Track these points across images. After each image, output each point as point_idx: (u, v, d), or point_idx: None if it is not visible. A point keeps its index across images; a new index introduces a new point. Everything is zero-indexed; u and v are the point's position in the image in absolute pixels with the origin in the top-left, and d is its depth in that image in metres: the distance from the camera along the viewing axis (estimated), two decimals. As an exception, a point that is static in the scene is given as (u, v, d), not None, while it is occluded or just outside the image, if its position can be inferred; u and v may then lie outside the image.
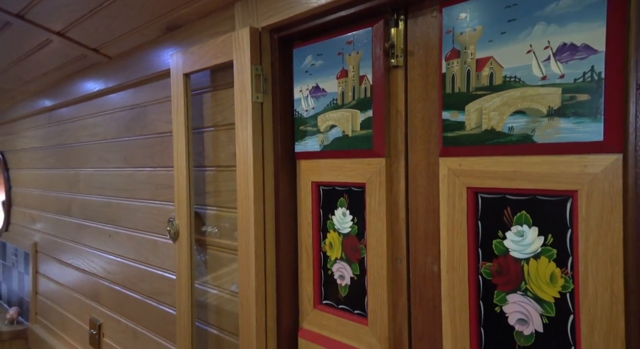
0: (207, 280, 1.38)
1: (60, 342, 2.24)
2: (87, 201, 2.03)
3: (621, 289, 0.61)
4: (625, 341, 0.61)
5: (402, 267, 0.94)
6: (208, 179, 1.38)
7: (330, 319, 1.07)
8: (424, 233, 0.90)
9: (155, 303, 1.61)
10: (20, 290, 2.62)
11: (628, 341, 0.61)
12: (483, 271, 0.79)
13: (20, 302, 2.61)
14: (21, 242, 2.60)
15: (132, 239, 1.74)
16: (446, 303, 0.84)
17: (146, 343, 1.64)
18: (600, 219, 0.63)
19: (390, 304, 0.95)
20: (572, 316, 0.68)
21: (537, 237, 0.72)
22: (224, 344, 1.31)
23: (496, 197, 0.77)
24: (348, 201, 1.04)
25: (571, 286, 0.68)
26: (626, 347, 0.61)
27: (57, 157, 2.27)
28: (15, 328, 2.46)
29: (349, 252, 1.04)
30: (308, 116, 1.09)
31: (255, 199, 1.13)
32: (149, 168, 1.64)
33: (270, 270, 1.15)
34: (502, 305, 0.77)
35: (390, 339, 0.94)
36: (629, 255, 0.61)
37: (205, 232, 1.38)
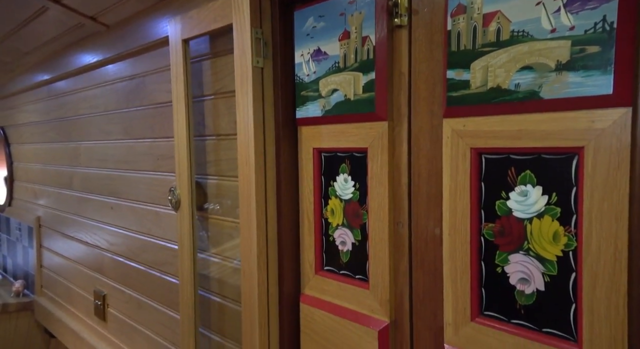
0: (209, 249, 1.39)
1: (66, 313, 2.28)
2: (89, 174, 2.02)
3: (625, 244, 0.61)
4: (628, 296, 0.61)
5: (403, 231, 0.94)
6: (209, 149, 1.37)
7: (331, 285, 1.07)
8: (426, 197, 0.89)
9: (159, 273, 1.62)
10: (25, 264, 2.65)
11: (630, 295, 0.61)
12: (485, 232, 0.79)
13: (25, 275, 2.65)
14: (24, 216, 2.62)
15: (134, 210, 1.74)
16: (447, 264, 0.83)
17: (150, 312, 1.67)
18: (607, 175, 0.62)
19: (391, 268, 0.95)
20: (574, 273, 0.68)
21: (541, 196, 0.71)
22: (227, 311, 1.33)
23: (500, 158, 0.76)
24: (350, 166, 1.03)
25: (574, 244, 0.68)
26: (628, 301, 0.61)
27: (58, 130, 2.26)
28: (21, 300, 2.51)
29: (351, 218, 1.03)
30: (309, 81, 1.07)
31: (256, 167, 1.12)
32: (149, 139, 1.63)
33: (272, 237, 1.15)
34: (503, 265, 0.77)
35: (392, 302, 0.95)
36: (634, 210, 0.60)
37: (207, 209, 1.38)
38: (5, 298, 2.52)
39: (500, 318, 0.77)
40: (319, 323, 1.09)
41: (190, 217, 1.34)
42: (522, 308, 0.75)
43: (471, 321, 0.80)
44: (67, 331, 2.21)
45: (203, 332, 1.41)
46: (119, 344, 1.87)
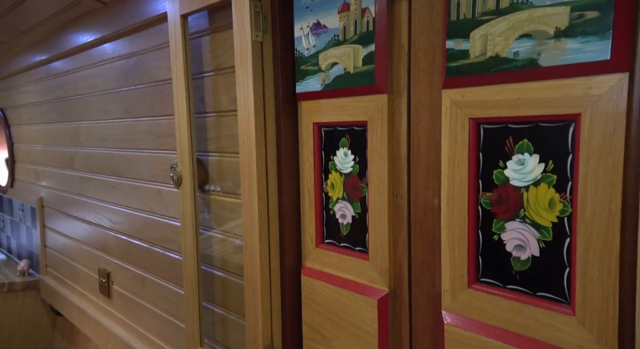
0: (211, 225, 1.41)
1: (71, 291, 2.32)
2: (90, 154, 2.03)
3: (619, 208, 0.62)
4: (620, 257, 0.62)
5: (403, 203, 0.95)
6: (209, 126, 1.37)
7: (332, 257, 1.10)
8: (425, 168, 0.91)
9: (162, 249, 1.65)
10: (29, 244, 2.69)
11: (622, 257, 0.62)
12: (483, 201, 0.81)
13: (30, 255, 2.69)
14: (27, 197, 2.64)
15: (136, 189, 1.76)
16: (445, 233, 0.85)
17: (154, 288, 1.70)
18: (602, 141, 0.63)
19: (390, 239, 0.97)
20: (568, 238, 0.70)
21: (538, 164, 0.72)
22: (229, 285, 1.36)
23: (498, 127, 0.77)
24: (350, 140, 1.04)
25: (569, 210, 0.69)
26: (620, 262, 0.62)
27: (58, 111, 2.25)
28: (26, 279, 2.55)
29: (351, 191, 1.05)
30: (309, 55, 1.07)
31: (257, 142, 1.13)
32: (149, 117, 1.64)
33: (273, 211, 1.16)
34: (500, 233, 0.79)
35: (391, 271, 0.97)
36: (629, 175, 0.61)
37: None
38: (11, 277, 2.56)
39: (496, 284, 0.79)
40: (320, 294, 1.11)
41: (192, 194, 1.36)
42: (517, 274, 0.77)
43: (468, 288, 0.82)
44: (72, 308, 2.25)
45: (207, 306, 1.44)
46: (124, 320, 1.91)
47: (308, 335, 1.15)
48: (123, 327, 1.92)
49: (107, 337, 1.99)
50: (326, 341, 1.10)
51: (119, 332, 1.92)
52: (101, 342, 2.04)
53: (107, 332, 1.98)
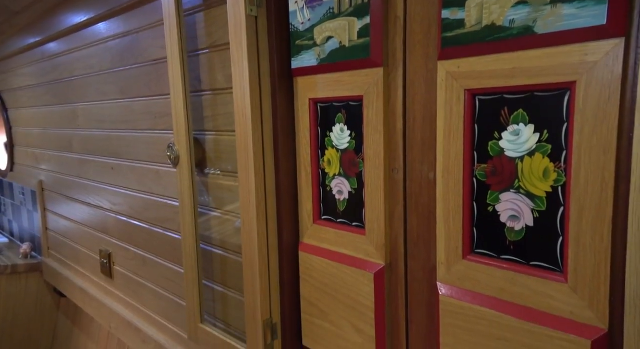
0: (209, 204, 1.42)
1: (73, 273, 2.35)
2: (88, 136, 2.03)
3: (612, 175, 0.62)
4: (612, 224, 0.63)
5: (399, 177, 0.95)
6: (205, 104, 1.37)
7: (329, 233, 1.10)
8: (420, 142, 0.90)
9: (161, 230, 1.66)
10: (30, 227, 2.71)
11: (615, 223, 0.63)
12: (478, 173, 0.81)
13: (32, 238, 2.71)
14: (27, 181, 2.64)
15: (134, 170, 1.76)
16: (441, 206, 0.86)
17: (155, 267, 1.72)
18: (597, 109, 0.63)
19: (387, 214, 0.97)
20: (562, 207, 0.70)
21: (533, 134, 0.72)
22: (228, 263, 1.37)
23: (494, 98, 0.77)
24: (346, 116, 1.04)
25: (563, 179, 0.69)
26: (612, 229, 0.63)
27: (54, 93, 2.24)
28: (29, 261, 2.57)
29: (347, 167, 1.05)
30: (304, 29, 1.06)
31: (253, 119, 1.12)
32: (146, 98, 1.63)
33: (270, 189, 1.17)
34: (495, 204, 0.79)
35: (387, 246, 0.98)
36: (622, 142, 0.61)
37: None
38: (14, 259, 2.59)
39: (490, 255, 0.80)
40: (317, 269, 1.12)
41: (190, 173, 1.36)
42: (511, 244, 0.77)
43: (463, 259, 0.83)
44: (75, 289, 2.28)
45: (207, 284, 1.46)
46: (126, 299, 1.94)
47: (306, 310, 1.17)
48: (125, 306, 1.95)
49: (110, 316, 2.02)
50: (324, 315, 1.12)
51: (121, 311, 1.95)
52: (104, 322, 2.08)
53: (110, 312, 2.01)
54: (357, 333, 1.03)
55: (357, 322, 1.03)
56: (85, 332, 2.40)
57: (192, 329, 1.43)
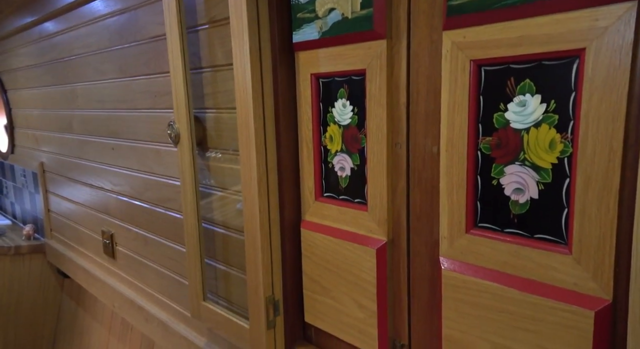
0: (210, 183, 1.41)
1: (76, 254, 2.36)
2: (88, 116, 2.02)
3: (620, 144, 0.61)
4: (619, 194, 0.62)
5: (401, 152, 0.94)
6: (205, 81, 1.35)
7: (331, 209, 1.10)
8: (424, 115, 0.89)
9: (163, 209, 1.66)
10: (33, 209, 2.71)
11: (621, 193, 0.62)
12: (482, 146, 0.79)
13: (34, 220, 2.72)
14: (28, 163, 2.64)
15: (135, 150, 1.75)
16: (444, 180, 0.85)
17: (157, 247, 1.72)
18: (607, 76, 0.61)
19: (389, 189, 0.96)
20: (567, 179, 0.69)
21: (539, 105, 0.71)
22: (230, 241, 1.37)
23: (500, 69, 0.75)
24: (348, 91, 1.02)
25: (570, 150, 0.68)
26: (619, 199, 0.62)
27: (53, 73, 2.22)
28: (32, 243, 2.59)
29: (349, 143, 1.04)
30: (305, 1, 1.03)
31: (254, 95, 1.10)
32: (145, 76, 1.61)
33: (272, 166, 1.16)
34: (499, 177, 0.78)
35: (389, 221, 0.97)
36: (632, 109, 0.60)
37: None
38: (17, 241, 2.60)
39: (493, 228, 0.79)
40: (319, 246, 1.12)
41: (191, 151, 1.35)
42: (515, 217, 0.77)
43: (466, 233, 0.82)
44: (78, 270, 2.30)
45: (209, 263, 1.46)
46: (129, 279, 1.95)
47: (308, 286, 1.18)
48: (128, 286, 1.97)
49: (113, 296, 2.04)
50: (326, 291, 1.12)
51: (124, 291, 1.96)
52: (108, 301, 2.10)
53: (113, 291, 2.03)
54: (358, 308, 1.04)
55: (359, 297, 1.03)
56: (89, 312, 2.43)
57: (194, 307, 1.44)
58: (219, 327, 1.37)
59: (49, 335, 2.71)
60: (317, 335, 1.22)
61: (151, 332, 1.80)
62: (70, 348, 2.57)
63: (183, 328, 1.64)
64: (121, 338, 2.17)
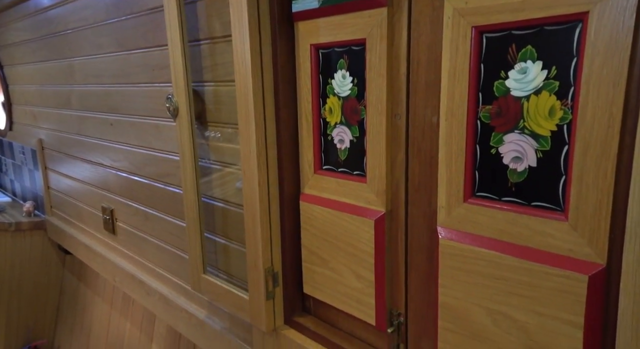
0: (210, 157, 1.41)
1: (77, 230, 2.38)
2: (86, 92, 2.00)
3: (620, 109, 0.61)
4: (617, 160, 0.62)
5: (401, 123, 0.94)
6: (204, 54, 1.33)
7: (330, 182, 1.10)
8: (424, 85, 0.88)
9: (162, 184, 1.66)
10: (32, 186, 2.72)
11: (619, 159, 0.62)
12: (482, 115, 0.79)
13: (34, 197, 2.73)
14: (26, 140, 2.63)
15: (133, 125, 1.74)
16: (443, 150, 0.85)
17: (157, 222, 1.74)
18: (609, 39, 0.61)
19: (388, 160, 0.96)
20: (566, 146, 0.69)
21: (540, 72, 0.70)
22: (230, 215, 1.38)
23: (501, 35, 0.74)
24: (348, 61, 1.01)
25: (569, 117, 0.68)
26: (617, 165, 0.62)
27: (49, 48, 2.19)
28: (33, 219, 2.60)
29: (349, 115, 1.03)
30: (306, -31, 1.01)
31: (253, 66, 1.09)
32: (143, 49, 1.59)
33: (271, 139, 1.16)
34: (498, 146, 0.78)
35: (388, 192, 0.98)
36: (633, 73, 0.59)
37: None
38: (18, 218, 2.62)
39: (491, 197, 0.80)
40: (318, 218, 1.13)
41: (189, 125, 1.34)
42: (513, 186, 0.77)
43: (463, 203, 0.83)
44: (80, 246, 2.32)
45: (208, 236, 1.47)
46: (130, 254, 1.97)
47: (307, 258, 1.19)
48: (129, 261, 1.99)
49: (115, 271, 2.06)
50: (324, 262, 1.13)
51: (125, 266, 1.98)
52: (109, 276, 2.12)
53: (114, 266, 2.05)
54: (356, 279, 1.05)
55: (357, 268, 1.04)
56: (91, 287, 2.46)
57: (195, 280, 1.46)
58: (219, 299, 1.39)
59: (51, 310, 2.75)
60: (316, 306, 1.24)
61: (152, 305, 1.83)
62: (73, 323, 2.62)
63: (184, 301, 1.67)
64: (123, 312, 2.21)
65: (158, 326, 1.98)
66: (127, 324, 2.18)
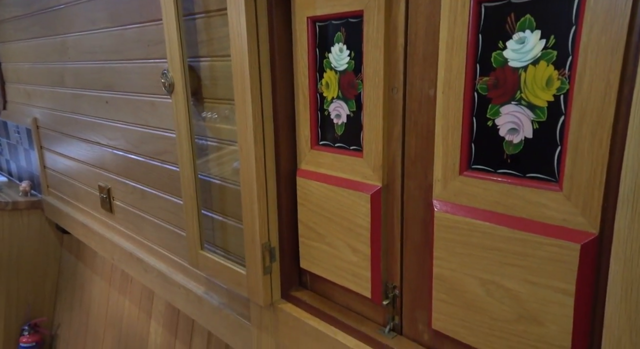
0: (206, 133, 1.40)
1: (74, 209, 2.38)
2: (80, 69, 1.97)
3: (617, 77, 0.60)
4: (612, 128, 0.62)
5: (398, 97, 0.94)
6: (199, 28, 1.31)
7: (326, 157, 1.10)
8: (422, 57, 0.88)
9: (159, 162, 1.66)
10: (28, 166, 2.71)
11: (615, 128, 0.62)
12: (479, 86, 0.79)
13: (31, 177, 2.72)
14: (21, 119, 2.61)
15: (129, 102, 1.73)
16: (440, 123, 0.84)
17: (154, 200, 1.74)
18: (609, 5, 0.60)
19: (385, 135, 0.96)
20: (562, 116, 0.69)
21: (539, 41, 0.70)
22: (227, 191, 1.38)
23: (500, 4, 0.73)
24: (345, 34, 1.00)
25: (566, 87, 0.68)
26: (612, 133, 0.62)
27: (42, 24, 2.15)
28: (29, 199, 2.60)
29: (346, 89, 1.03)
30: (302, -62, 0.99)
31: (249, 39, 1.08)
32: (137, 24, 1.56)
33: (268, 114, 1.15)
34: (494, 118, 0.78)
35: (384, 166, 0.98)
36: (632, 40, 0.59)
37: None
38: (15, 197, 2.61)
39: (487, 170, 0.80)
40: (315, 194, 1.13)
41: (185, 101, 1.33)
42: (508, 158, 0.77)
43: (459, 175, 0.83)
44: (77, 225, 2.33)
45: (206, 213, 1.48)
46: (128, 233, 1.98)
47: (303, 233, 1.20)
48: (127, 239, 2.00)
49: (113, 250, 2.07)
50: (320, 237, 1.14)
51: (123, 244, 1.99)
52: (107, 254, 2.13)
53: (112, 245, 2.06)
54: (352, 253, 1.06)
55: (353, 242, 1.05)
56: (90, 265, 2.48)
57: (193, 256, 1.47)
58: (217, 275, 1.40)
59: (50, 289, 2.77)
60: (312, 280, 1.26)
61: (150, 283, 1.85)
62: (72, 301, 2.65)
63: (182, 277, 1.69)
64: (121, 290, 2.23)
65: (157, 303, 2.01)
66: (126, 301, 2.20)
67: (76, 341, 2.58)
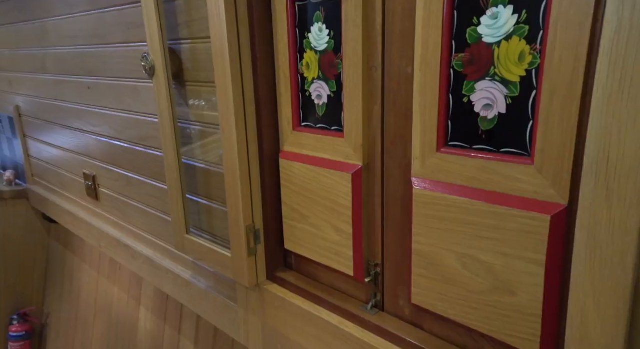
0: (189, 117, 1.40)
1: (60, 198, 2.36)
2: (61, 54, 1.94)
3: (585, 50, 0.62)
4: (581, 101, 0.63)
5: (377, 75, 0.94)
6: (179, 9, 1.29)
7: (309, 138, 1.11)
8: (400, 35, 0.88)
9: (143, 148, 1.65)
10: (12, 155, 2.67)
11: (583, 101, 0.63)
12: (455, 63, 0.79)
13: (15, 166, 2.68)
14: (3, 107, 2.56)
15: (111, 88, 1.71)
16: (417, 101, 0.85)
17: (139, 186, 1.73)
18: (577, -21, 0.61)
19: (365, 114, 0.97)
20: (534, 91, 0.70)
21: (511, 16, 0.70)
22: (211, 175, 1.38)
23: (475, -20, 0.73)
24: (324, 14, 0.99)
25: (538, 62, 0.69)
26: (580, 106, 0.63)
27: (20, 9, 2.10)
28: (14, 188, 2.57)
29: (326, 69, 1.03)
30: None
31: (228, 21, 1.07)
32: (117, 7, 1.54)
33: (249, 96, 1.15)
34: (470, 95, 0.79)
35: (365, 146, 0.99)
36: (599, 13, 0.60)
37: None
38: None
39: (463, 146, 0.81)
40: (297, 175, 1.14)
41: (167, 84, 1.32)
42: (483, 133, 0.78)
43: (437, 152, 0.84)
44: (63, 213, 2.31)
45: (190, 198, 1.48)
46: (114, 220, 1.98)
47: (287, 215, 1.21)
48: (114, 226, 1.99)
49: (100, 237, 2.07)
50: (304, 218, 1.15)
51: (110, 231, 1.99)
52: (95, 242, 2.13)
53: (99, 232, 2.05)
54: (335, 232, 1.07)
55: (336, 222, 1.07)
56: (78, 254, 2.48)
57: (179, 240, 1.48)
58: (203, 258, 1.41)
59: (39, 278, 2.77)
60: (297, 261, 1.27)
61: (138, 269, 1.85)
62: (61, 290, 2.64)
63: (169, 262, 1.69)
64: (110, 277, 2.24)
65: (145, 288, 2.02)
66: (115, 288, 2.21)
67: (67, 329, 2.58)
